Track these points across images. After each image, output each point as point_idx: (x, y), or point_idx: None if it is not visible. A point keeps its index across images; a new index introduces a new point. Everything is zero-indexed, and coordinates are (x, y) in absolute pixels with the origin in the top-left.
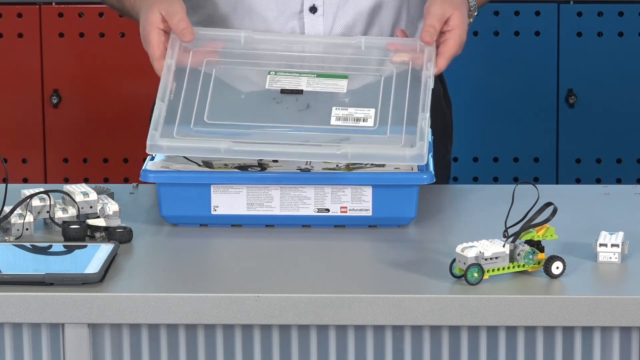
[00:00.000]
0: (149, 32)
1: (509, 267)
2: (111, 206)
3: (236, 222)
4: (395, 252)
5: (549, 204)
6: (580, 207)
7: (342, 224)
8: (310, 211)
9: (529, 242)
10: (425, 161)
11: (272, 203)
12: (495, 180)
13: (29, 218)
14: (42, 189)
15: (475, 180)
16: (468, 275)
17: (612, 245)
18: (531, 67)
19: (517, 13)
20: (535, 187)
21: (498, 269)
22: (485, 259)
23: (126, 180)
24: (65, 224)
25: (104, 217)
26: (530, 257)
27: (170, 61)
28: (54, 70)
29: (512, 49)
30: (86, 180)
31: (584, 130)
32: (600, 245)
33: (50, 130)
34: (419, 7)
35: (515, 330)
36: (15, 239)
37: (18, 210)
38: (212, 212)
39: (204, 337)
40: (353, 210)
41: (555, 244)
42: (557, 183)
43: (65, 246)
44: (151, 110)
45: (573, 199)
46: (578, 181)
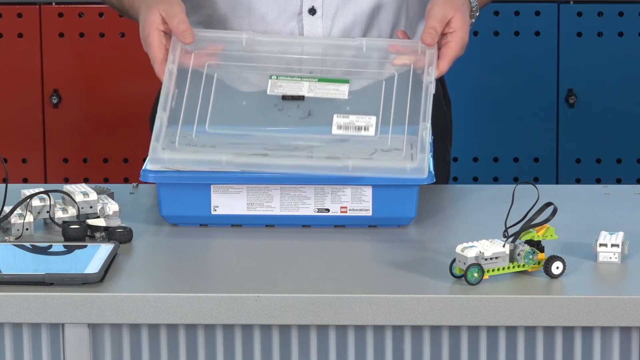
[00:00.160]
0: (149, 34)
1: (509, 267)
2: (111, 206)
3: (236, 222)
4: (395, 252)
5: (549, 204)
6: (580, 207)
7: (342, 224)
8: (310, 211)
9: (529, 242)
10: (426, 174)
11: (272, 203)
12: (495, 180)
13: (29, 218)
14: (42, 189)
15: (475, 180)
16: (468, 275)
17: (612, 245)
18: (531, 67)
19: (517, 13)
20: (535, 187)
21: (498, 269)
22: (485, 259)
23: (126, 180)
24: (65, 224)
25: (104, 217)
26: (530, 257)
27: (172, 66)
28: (54, 70)
29: (512, 49)
30: (86, 180)
31: (584, 130)
32: (600, 245)
33: (50, 130)
34: (418, 9)
35: (515, 330)
36: (15, 239)
37: (18, 210)
38: (212, 212)
39: (204, 337)
40: (353, 210)
41: (555, 244)
42: (557, 183)
43: (65, 246)
44: (151, 110)
45: (573, 199)
46: (578, 181)
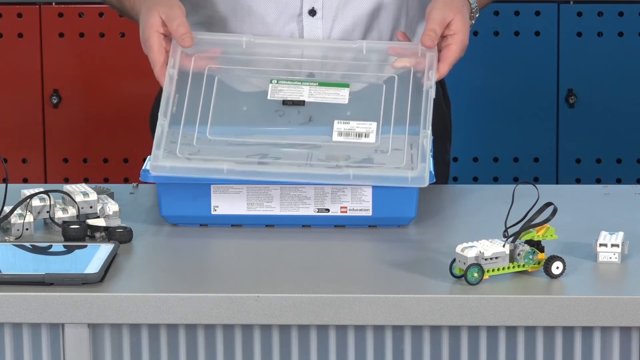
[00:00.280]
0: (149, 37)
1: (509, 267)
2: (111, 206)
3: (236, 222)
4: (395, 252)
5: (549, 204)
6: (580, 207)
7: (342, 224)
8: (310, 211)
9: (529, 242)
10: (427, 184)
11: (272, 203)
12: (495, 180)
13: (29, 218)
14: (42, 189)
15: (475, 180)
16: (468, 275)
17: (612, 245)
18: (531, 67)
19: (517, 13)
20: (535, 187)
21: (498, 269)
22: (485, 259)
23: (126, 180)
24: (65, 224)
25: (104, 217)
26: (530, 257)
27: (172, 71)
28: (54, 70)
29: (512, 49)
30: (86, 180)
31: (584, 130)
32: (600, 245)
33: (50, 130)
34: (418, 11)
35: (515, 330)
36: (15, 239)
37: (18, 210)
38: (212, 212)
39: (204, 337)
40: (353, 210)
41: (555, 244)
42: (557, 183)
43: (65, 246)
44: (151, 111)
45: (573, 199)
46: (578, 181)
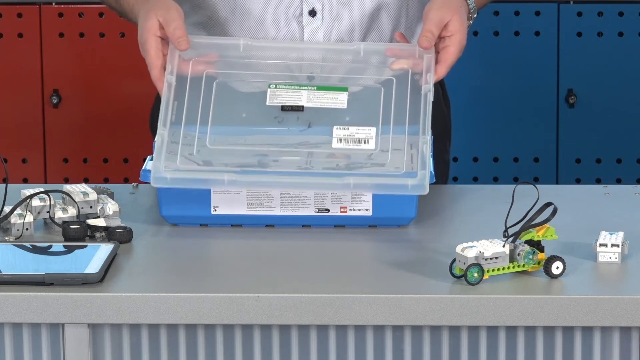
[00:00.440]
0: (147, 40)
1: (509, 267)
2: (111, 206)
3: (236, 222)
4: (395, 252)
5: (549, 204)
6: (580, 207)
7: (342, 224)
8: (310, 211)
9: (529, 242)
10: (427, 192)
11: (272, 203)
12: (495, 180)
13: (29, 218)
14: (42, 189)
15: (475, 180)
16: (468, 275)
17: (612, 245)
18: (531, 67)
19: (517, 13)
20: (535, 187)
21: (498, 269)
22: (485, 259)
23: (126, 180)
24: (65, 224)
25: (104, 217)
26: (530, 257)
27: (170, 78)
28: (54, 70)
29: (512, 49)
30: (86, 180)
31: (584, 130)
32: (600, 245)
33: (50, 130)
34: (418, 11)
35: (515, 330)
36: (15, 239)
37: (18, 210)
38: (212, 212)
39: (204, 337)
40: (353, 210)
41: (555, 244)
42: (557, 183)
43: (65, 246)
44: (151, 111)
45: (573, 199)
46: (578, 181)
